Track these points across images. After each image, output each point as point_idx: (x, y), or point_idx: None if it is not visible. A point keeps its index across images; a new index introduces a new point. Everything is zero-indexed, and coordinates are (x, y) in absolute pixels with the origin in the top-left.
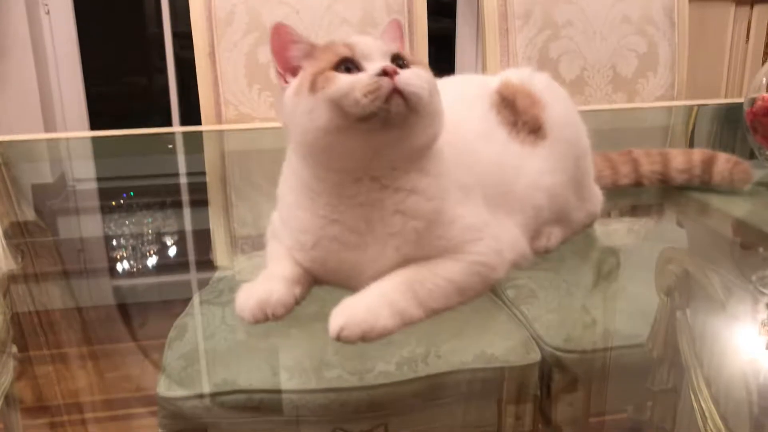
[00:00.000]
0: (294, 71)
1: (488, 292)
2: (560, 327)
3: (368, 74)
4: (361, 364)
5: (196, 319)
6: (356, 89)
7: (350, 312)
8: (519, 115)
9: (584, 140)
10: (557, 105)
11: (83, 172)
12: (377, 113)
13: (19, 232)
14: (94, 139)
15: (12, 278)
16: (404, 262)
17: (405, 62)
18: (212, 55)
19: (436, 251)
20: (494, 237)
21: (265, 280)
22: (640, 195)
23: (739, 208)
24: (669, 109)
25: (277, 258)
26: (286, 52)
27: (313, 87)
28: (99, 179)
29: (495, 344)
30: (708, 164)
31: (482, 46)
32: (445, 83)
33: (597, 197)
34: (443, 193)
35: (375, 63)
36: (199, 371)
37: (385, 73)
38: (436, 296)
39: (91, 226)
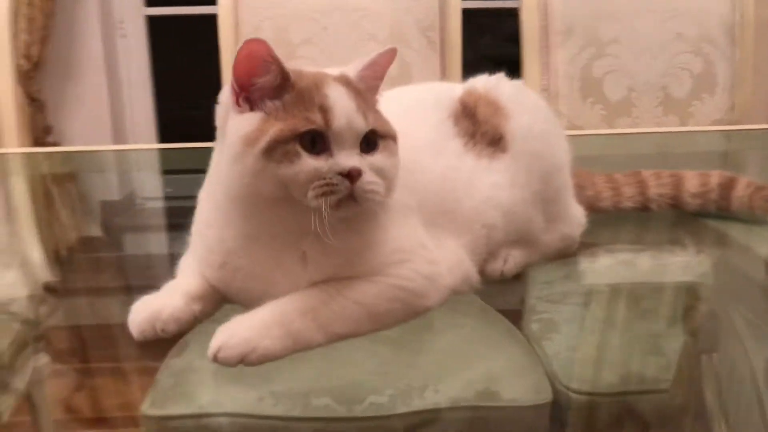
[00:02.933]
0: (252, 101)
1: (511, 324)
2: (579, 366)
3: (330, 169)
4: (352, 393)
5: (197, 337)
6: (311, 184)
7: (231, 332)
8: (479, 125)
9: (558, 155)
10: (524, 115)
11: (150, 188)
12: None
13: (84, 247)
14: (161, 151)
15: (67, 291)
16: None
17: (377, 138)
18: None
19: (355, 274)
20: (427, 261)
21: (162, 294)
22: (652, 221)
23: (760, 238)
24: (727, 133)
25: (186, 270)
26: (254, 77)
27: (269, 154)
28: (166, 198)
29: (502, 381)
30: (726, 188)
31: (522, 63)
32: (407, 91)
33: (575, 219)
34: (373, 216)
35: (344, 150)
36: (187, 391)
37: (348, 174)
38: (341, 320)
39: (155, 242)
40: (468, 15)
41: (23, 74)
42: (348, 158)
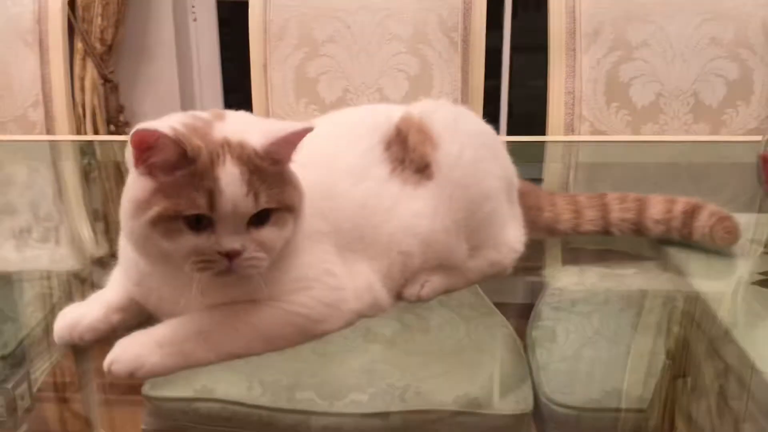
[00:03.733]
0: (148, 169)
1: (511, 330)
2: (565, 378)
3: (210, 248)
4: (335, 389)
5: None
6: (190, 258)
7: (125, 347)
8: (407, 152)
9: (489, 183)
10: (454, 144)
11: None
12: None
13: None
14: None
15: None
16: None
17: (269, 212)
18: (265, 67)
19: (256, 298)
20: (330, 288)
21: (87, 303)
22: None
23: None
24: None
25: (113, 282)
26: (148, 155)
27: (153, 226)
28: None
29: (484, 387)
30: (690, 217)
31: (548, 66)
32: (347, 113)
33: (507, 245)
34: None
35: (227, 230)
36: (185, 376)
37: (227, 254)
38: (233, 341)
39: None
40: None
41: (98, 57)
42: (230, 239)
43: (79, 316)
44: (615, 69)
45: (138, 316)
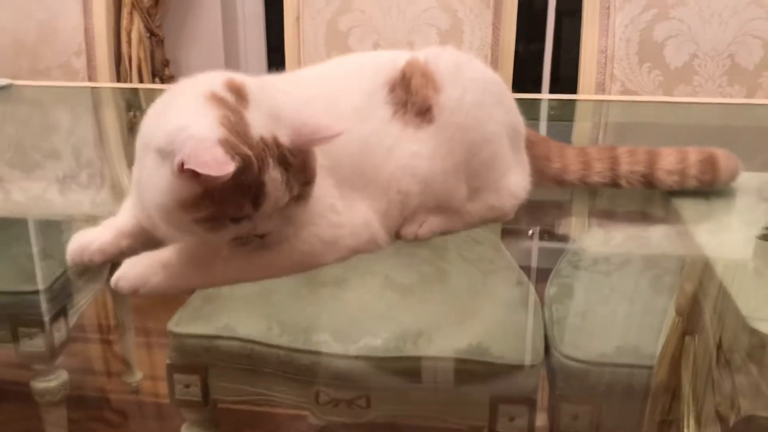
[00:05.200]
0: (195, 177)
1: (528, 285)
2: (577, 333)
3: (248, 232)
4: (350, 332)
5: None
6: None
7: (132, 265)
8: (410, 94)
9: (490, 128)
10: (456, 88)
11: None
12: None
13: None
14: None
15: None
16: None
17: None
18: (299, 20)
19: None
20: (330, 225)
21: (98, 228)
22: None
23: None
24: None
25: (124, 209)
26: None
27: (199, 222)
28: None
29: (496, 338)
30: (709, 163)
31: (581, 25)
32: (354, 57)
33: (508, 190)
34: None
35: (264, 217)
36: (208, 315)
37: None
38: (230, 268)
39: None
40: None
41: (144, 10)
42: (265, 223)
43: (91, 239)
44: (649, 28)
45: (146, 242)
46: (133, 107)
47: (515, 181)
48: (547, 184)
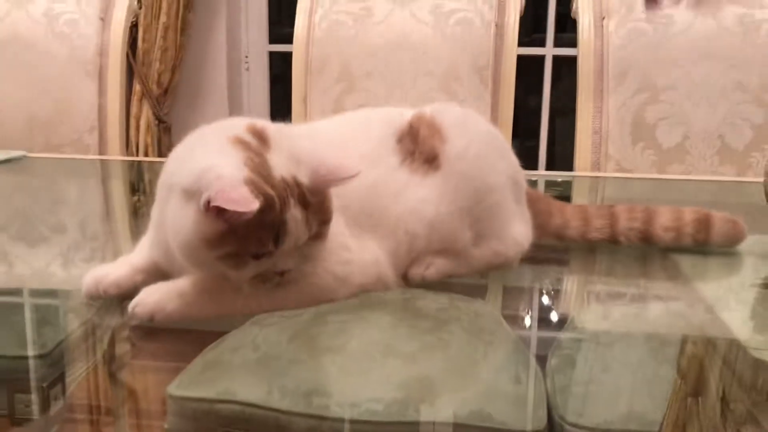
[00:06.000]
0: (220, 215)
1: (529, 355)
2: (581, 402)
3: (268, 270)
4: (352, 397)
5: (241, 333)
6: (244, 280)
7: (148, 293)
8: (418, 144)
9: (493, 178)
10: (462, 139)
11: None
12: None
13: None
14: None
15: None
16: None
17: (318, 232)
18: (305, 99)
19: None
20: (342, 262)
21: (113, 264)
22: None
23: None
24: None
25: (140, 247)
26: (231, 214)
27: (221, 259)
28: None
29: (499, 405)
30: (704, 223)
31: (576, 106)
32: (364, 111)
33: (512, 238)
34: None
35: (284, 255)
36: (209, 378)
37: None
38: (243, 299)
39: None
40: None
41: (154, 99)
42: (285, 261)
43: (106, 272)
44: (641, 110)
45: (159, 279)
46: (138, 191)
47: (518, 230)
48: (548, 239)
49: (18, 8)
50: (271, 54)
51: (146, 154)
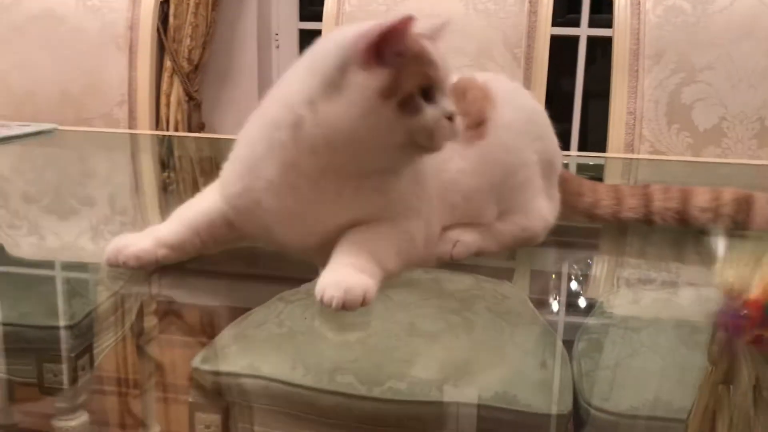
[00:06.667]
0: (382, 59)
1: (555, 337)
2: (607, 386)
3: (442, 113)
4: (375, 375)
5: (266, 309)
6: (432, 130)
7: (337, 281)
8: (465, 104)
9: (529, 153)
10: (510, 109)
11: None
12: None
13: None
14: None
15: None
16: (346, 225)
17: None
18: None
19: (375, 218)
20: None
21: (138, 234)
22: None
23: None
24: None
25: (171, 221)
26: (393, 44)
27: (402, 107)
28: None
29: (524, 387)
30: (744, 203)
31: (611, 86)
32: None
33: (538, 213)
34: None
35: (442, 96)
36: (234, 352)
37: (449, 117)
38: (387, 255)
39: None
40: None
41: (184, 75)
42: (449, 103)
43: (128, 242)
44: (677, 91)
45: (182, 255)
46: (168, 168)
47: (545, 206)
48: (579, 219)
49: None
50: (302, 32)
51: (176, 131)
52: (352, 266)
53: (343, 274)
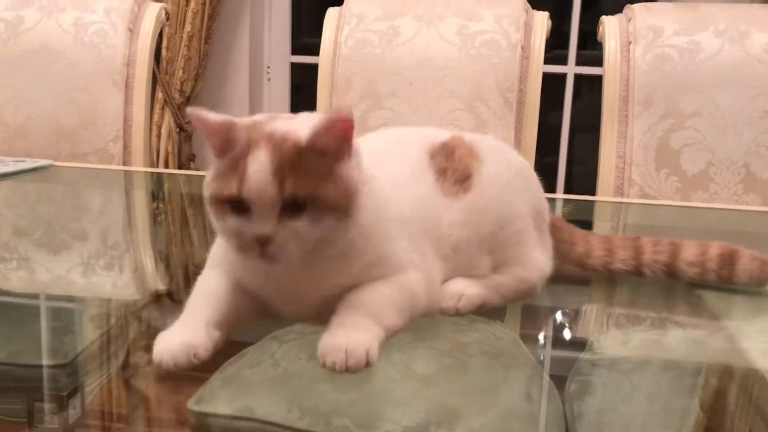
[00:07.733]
0: (215, 153)
1: (548, 380)
2: (600, 429)
3: (245, 233)
4: (371, 418)
5: (260, 349)
6: (234, 242)
7: (337, 342)
8: (452, 161)
9: (519, 207)
10: (496, 165)
11: None
12: None
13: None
14: None
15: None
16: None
17: (304, 203)
18: None
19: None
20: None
21: (187, 325)
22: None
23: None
24: None
25: (203, 292)
26: (210, 139)
27: (211, 207)
28: None
29: (517, 429)
30: (728, 259)
31: (600, 130)
32: (395, 129)
33: (534, 264)
34: (375, 237)
35: (260, 215)
36: (229, 394)
37: (257, 239)
38: (385, 313)
39: None
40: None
41: (176, 107)
42: (261, 225)
43: (188, 339)
44: (666, 136)
45: (231, 329)
46: (158, 200)
47: (540, 257)
48: (571, 268)
49: (48, 17)
50: (293, 65)
51: (166, 162)
52: (352, 326)
53: (343, 336)
